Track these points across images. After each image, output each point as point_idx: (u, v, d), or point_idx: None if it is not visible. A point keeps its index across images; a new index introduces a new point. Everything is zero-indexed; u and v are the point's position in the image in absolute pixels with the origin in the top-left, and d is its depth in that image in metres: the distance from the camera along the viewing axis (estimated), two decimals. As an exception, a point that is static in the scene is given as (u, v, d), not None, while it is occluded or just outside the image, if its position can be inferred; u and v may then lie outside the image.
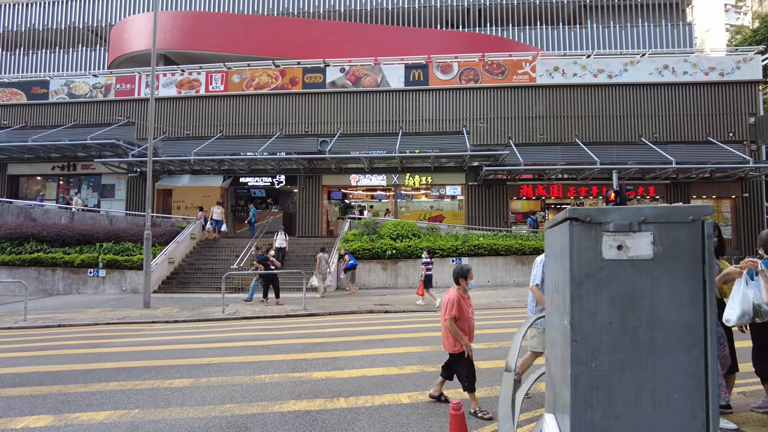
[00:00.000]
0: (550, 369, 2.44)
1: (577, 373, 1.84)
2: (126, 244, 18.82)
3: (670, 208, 1.88)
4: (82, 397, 5.73)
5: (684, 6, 33.68)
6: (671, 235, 1.85)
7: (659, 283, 1.85)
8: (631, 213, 1.90)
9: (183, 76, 24.96)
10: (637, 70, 22.79)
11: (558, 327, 2.19)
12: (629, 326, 1.85)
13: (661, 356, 1.81)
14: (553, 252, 2.39)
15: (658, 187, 22.43)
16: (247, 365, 7.11)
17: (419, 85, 23.49)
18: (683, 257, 1.84)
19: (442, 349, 7.79)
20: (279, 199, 25.88)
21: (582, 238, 1.91)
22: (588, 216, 1.91)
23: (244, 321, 11.79)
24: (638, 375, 1.81)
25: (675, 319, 1.82)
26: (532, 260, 17.87)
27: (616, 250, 1.89)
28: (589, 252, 1.91)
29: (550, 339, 2.44)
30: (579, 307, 1.88)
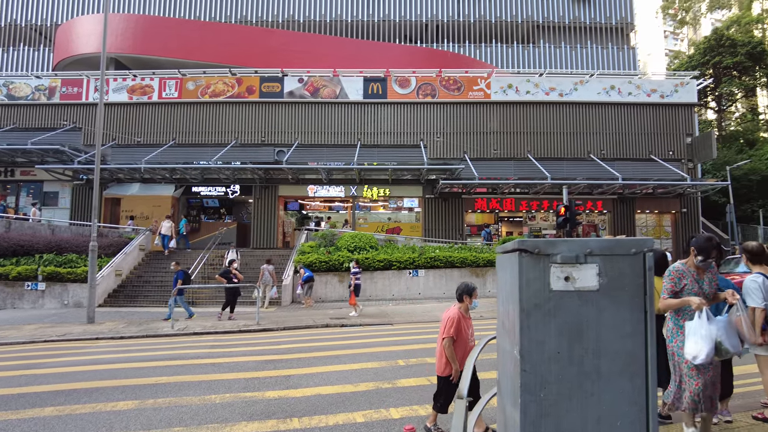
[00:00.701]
0: (502, 396, 2.47)
1: (527, 402, 1.87)
2: (69, 256, 17.86)
3: (614, 241, 1.95)
4: (12, 426, 5.35)
5: (628, 31, 35.62)
6: (615, 267, 1.92)
7: (604, 313, 1.91)
8: (578, 245, 1.96)
9: (135, 81, 24.14)
10: (586, 89, 23.82)
11: (508, 355, 2.22)
12: (576, 356, 1.90)
13: (606, 384, 1.87)
14: (503, 278, 2.43)
15: (605, 201, 23.41)
16: (197, 385, 6.86)
17: (378, 98, 23.66)
18: (626, 288, 1.91)
19: (398, 364, 7.82)
20: (233, 209, 25.33)
21: (531, 269, 1.96)
22: (536, 248, 1.96)
23: (195, 337, 11.40)
24: (585, 403, 1.86)
25: (619, 348, 1.89)
26: (486, 272, 18.24)
27: (563, 281, 1.94)
28: (538, 283, 1.95)
29: (501, 362, 2.47)
30: (528, 338, 1.92)
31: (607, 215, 23.82)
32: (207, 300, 17.13)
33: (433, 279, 18.00)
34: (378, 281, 17.73)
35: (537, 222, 24.51)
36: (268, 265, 16.68)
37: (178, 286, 13.35)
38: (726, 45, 34.58)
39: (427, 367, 7.50)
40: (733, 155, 31.84)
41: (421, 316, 13.65)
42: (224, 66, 25.64)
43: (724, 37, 35.32)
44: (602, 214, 23.95)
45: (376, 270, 17.79)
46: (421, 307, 15.77)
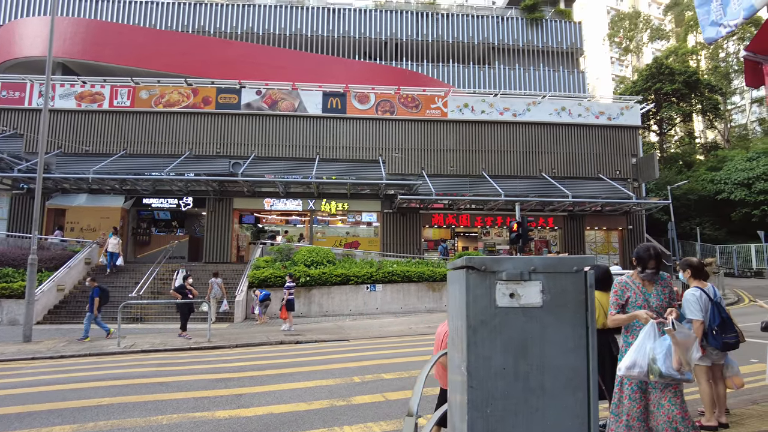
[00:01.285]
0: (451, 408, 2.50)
1: (473, 418, 1.90)
2: (5, 270, 16.78)
3: (557, 259, 2.03)
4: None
5: (577, 56, 37.36)
6: (558, 284, 1.99)
7: (548, 329, 1.97)
8: (523, 263, 2.03)
9: (84, 88, 23.23)
10: (539, 110, 24.74)
11: (457, 370, 2.25)
12: (521, 371, 1.95)
13: (550, 400, 1.92)
14: (453, 294, 2.48)
15: (556, 218, 24.22)
16: (143, 405, 6.56)
17: (337, 113, 23.72)
18: (569, 305, 1.98)
19: (353, 381, 7.75)
20: (185, 222, 24.60)
21: (477, 285, 2.00)
22: (483, 265, 2.00)
23: (143, 354, 10.91)
24: (530, 418, 1.91)
25: (562, 363, 1.95)
26: (442, 287, 18.43)
27: (508, 297, 1.99)
28: (484, 299, 2.00)
29: (451, 380, 2.50)
30: (475, 354, 1.96)
31: (558, 231, 24.65)
32: (156, 316, 16.46)
33: (390, 294, 18.02)
34: (335, 296, 17.59)
35: (491, 237, 25.07)
36: (216, 278, 16.31)
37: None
38: (665, 73, 36.83)
39: (383, 384, 7.48)
40: (673, 176, 33.74)
41: (378, 332, 13.62)
42: (180, 76, 25.11)
43: (663, 66, 37.62)
44: (553, 230, 24.77)
45: (334, 285, 17.66)
46: (378, 321, 15.74)
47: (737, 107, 52.89)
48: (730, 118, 49.55)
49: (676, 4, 53.87)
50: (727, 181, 30.68)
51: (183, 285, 13.50)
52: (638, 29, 54.06)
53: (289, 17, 34.67)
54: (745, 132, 49.59)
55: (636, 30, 54.08)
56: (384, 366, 8.83)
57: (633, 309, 3.79)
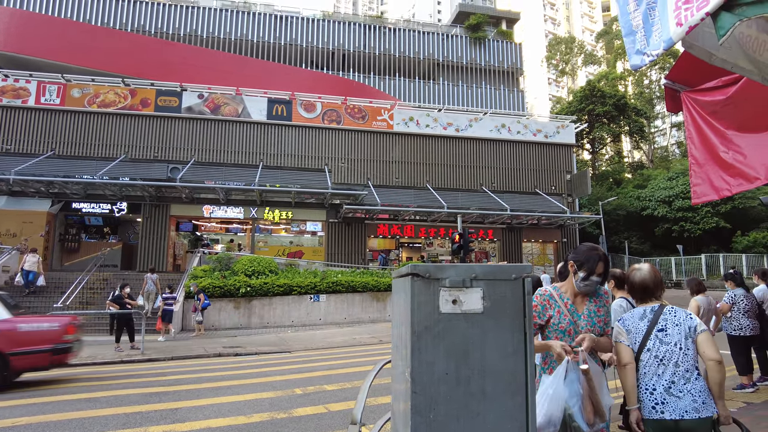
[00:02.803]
0: (394, 415, 2.53)
1: (417, 423, 1.94)
2: None
3: (497, 267, 2.12)
4: None
5: (517, 75, 39.03)
6: (498, 291, 2.08)
7: (488, 335, 2.05)
8: (464, 270, 2.10)
9: (6, 82, 21.66)
10: (480, 126, 25.59)
11: (400, 377, 2.29)
12: (463, 376, 2.01)
13: (490, 404, 1.99)
14: (398, 301, 2.51)
15: (496, 230, 25.05)
16: (67, 423, 6.13)
17: (282, 120, 23.46)
18: (508, 311, 2.07)
19: (294, 393, 7.61)
20: (119, 228, 23.33)
21: (422, 292, 2.05)
22: (427, 272, 2.06)
23: (69, 369, 10.20)
24: (471, 423, 1.97)
25: (501, 368, 2.03)
26: (386, 297, 18.53)
27: (451, 304, 2.05)
28: (428, 306, 2.05)
29: (395, 389, 2.53)
30: (418, 359, 2.00)
31: (497, 243, 25.48)
32: (85, 328, 15.43)
33: (334, 304, 17.91)
34: (277, 307, 17.26)
35: (434, 248, 25.53)
36: (152, 274, 16.35)
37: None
38: (597, 95, 39.20)
39: (326, 395, 7.41)
40: (604, 192, 35.82)
41: (321, 342, 13.48)
42: (117, 75, 23.95)
43: (596, 89, 40.04)
44: (493, 242, 25.58)
45: (276, 295, 17.33)
46: (321, 333, 15.58)
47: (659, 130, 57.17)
48: (654, 140, 53.35)
49: (606, 33, 57.64)
50: (651, 199, 32.92)
51: (121, 295, 12.77)
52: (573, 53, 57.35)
53: (234, 22, 34.01)
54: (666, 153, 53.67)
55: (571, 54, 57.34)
56: (327, 377, 8.75)
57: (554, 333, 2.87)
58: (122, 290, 13.07)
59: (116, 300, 12.65)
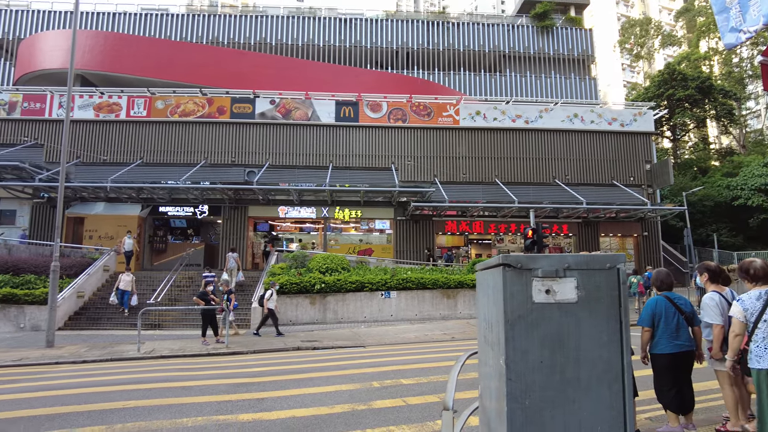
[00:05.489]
0: (485, 404, 2.57)
1: (513, 410, 1.98)
2: (27, 276, 17.10)
3: (590, 257, 2.11)
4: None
5: (589, 63, 37.32)
6: (592, 280, 2.08)
7: (583, 324, 2.05)
8: (557, 260, 2.11)
9: (102, 98, 23.72)
10: (551, 117, 24.75)
11: (492, 365, 2.33)
12: (558, 364, 2.03)
13: (586, 392, 2.00)
14: (486, 292, 2.56)
15: (570, 225, 24.14)
16: (167, 408, 6.68)
17: (349, 122, 23.95)
18: (603, 300, 2.06)
19: (372, 386, 7.80)
20: (201, 230, 24.88)
21: (514, 282, 2.09)
22: (519, 262, 2.09)
23: (162, 360, 11.07)
24: (567, 410, 1.99)
25: (596, 356, 2.03)
26: (457, 294, 18.43)
27: (544, 294, 2.08)
28: (521, 296, 2.08)
29: (484, 375, 2.58)
30: (513, 348, 2.04)
31: (573, 238, 24.54)
32: (173, 323, 16.67)
33: (405, 301, 18.06)
34: (350, 303, 17.66)
35: (505, 244, 25.02)
36: (233, 252, 18.70)
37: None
38: (678, 79, 36.59)
39: (403, 389, 7.53)
40: (688, 182, 33.42)
41: (394, 338, 13.66)
42: (195, 86, 25.52)
43: (675, 72, 37.38)
44: (568, 237, 24.67)
45: (348, 292, 17.73)
46: (393, 329, 15.78)
47: (752, 112, 52.31)
48: (746, 124, 48.98)
49: (687, 10, 53.59)
50: (743, 187, 30.30)
51: (205, 292, 13.62)
52: (649, 35, 53.82)
53: (301, 28, 35.10)
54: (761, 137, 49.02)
55: (647, 36, 53.84)
56: (402, 372, 8.88)
57: None
58: (206, 287, 13.94)
59: (201, 297, 13.51)
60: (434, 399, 6.84)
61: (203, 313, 13.30)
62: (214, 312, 13.34)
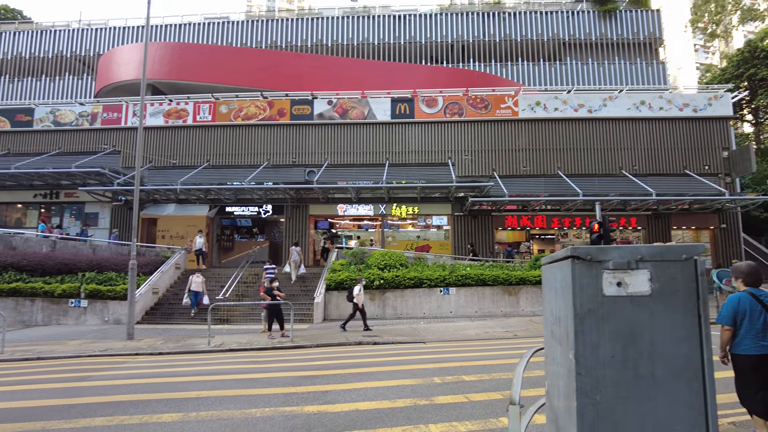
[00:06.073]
0: (552, 402, 2.51)
1: (583, 405, 1.92)
2: (109, 274, 18.48)
3: (665, 247, 2.01)
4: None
5: (657, 46, 35.23)
6: (667, 272, 1.97)
7: (657, 317, 1.95)
8: (629, 251, 2.02)
9: (170, 105, 25.09)
10: (616, 105, 23.59)
11: (560, 360, 2.26)
12: (630, 359, 1.95)
13: (662, 388, 1.90)
14: (553, 286, 2.49)
15: (639, 218, 22.93)
16: (237, 399, 6.99)
17: (405, 118, 23.95)
18: (679, 293, 1.95)
19: (433, 381, 7.79)
20: (265, 228, 25.78)
21: (583, 275, 2.02)
22: (588, 254, 2.02)
23: (231, 353, 11.60)
24: (641, 407, 1.90)
25: (673, 352, 1.92)
26: (519, 290, 18.02)
27: (615, 286, 1.99)
28: (591, 288, 2.01)
29: (552, 372, 2.51)
30: (582, 342, 1.97)
31: (642, 232, 23.30)
32: (241, 317, 17.41)
33: (464, 297, 17.88)
34: (408, 299, 17.72)
35: (570, 239, 24.13)
36: (296, 246, 20.01)
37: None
38: (761, 57, 33.73)
39: (465, 385, 7.46)
40: (772, 169, 30.80)
41: (454, 335, 13.56)
42: (256, 90, 26.42)
43: (758, 49, 34.47)
44: (637, 230, 23.45)
45: (407, 288, 17.79)
46: (453, 325, 15.67)
47: None
48: (842, 103, 44.42)
49: (770, -19, 49.26)
50: (839, 174, 27.58)
51: (271, 288, 14.10)
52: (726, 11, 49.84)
53: (356, 27, 35.48)
54: None
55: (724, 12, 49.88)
56: (464, 368, 8.80)
57: None
58: (271, 283, 14.42)
59: (267, 292, 14.01)
60: (497, 396, 6.74)
61: (269, 308, 13.78)
62: (279, 306, 13.76)
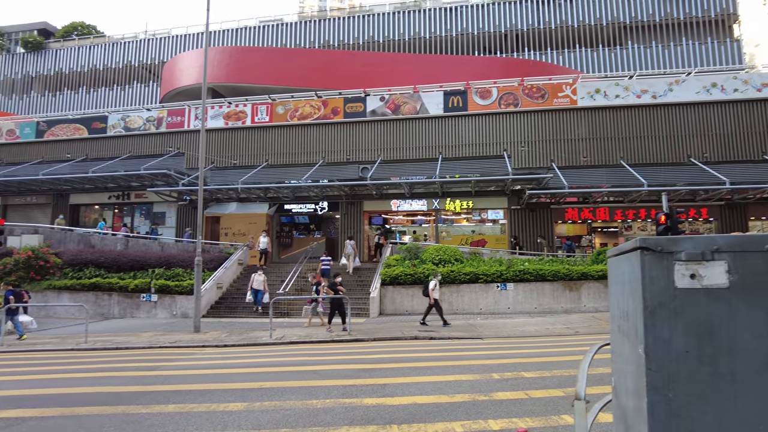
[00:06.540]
0: (620, 401, 2.42)
1: (654, 402, 1.84)
2: (176, 270, 19.52)
3: (744, 237, 1.88)
4: (144, 418, 5.96)
5: (730, 22, 32.84)
6: (747, 263, 1.85)
7: (737, 311, 1.84)
8: (703, 242, 1.91)
9: (230, 108, 26.07)
10: (683, 89, 22.22)
11: (628, 356, 2.18)
12: (707, 355, 1.84)
13: (743, 386, 1.79)
14: (620, 279, 2.40)
15: (711, 208, 21.54)
16: (298, 390, 7.21)
17: (458, 111, 23.66)
18: (762, 286, 1.83)
19: (492, 377, 7.69)
20: (321, 225, 26.33)
21: (653, 267, 1.92)
22: (659, 245, 1.92)
23: (291, 346, 11.96)
24: (720, 406, 1.79)
25: (755, 348, 1.80)
26: (580, 286, 17.42)
27: (689, 278, 1.89)
28: (662, 281, 1.91)
29: (619, 369, 2.43)
30: (653, 336, 1.89)
31: (714, 223, 21.87)
32: (300, 311, 17.86)
33: (523, 293, 17.49)
34: (464, 295, 17.55)
35: (634, 232, 23.01)
36: (350, 240, 20.86)
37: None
38: None
39: (524, 382, 7.32)
40: None
41: (512, 331, 13.31)
42: (310, 89, 26.96)
43: None
44: (708, 222, 22.04)
45: (462, 283, 17.62)
46: (511, 321, 15.38)
47: None
48: None
49: None
50: None
51: (334, 283, 14.37)
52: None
53: (407, 22, 35.42)
54: None
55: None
56: (523, 365, 8.64)
57: None
58: (335, 278, 14.68)
59: (330, 286, 14.30)
60: (559, 393, 6.56)
61: (332, 302, 14.02)
62: (341, 300, 13.92)
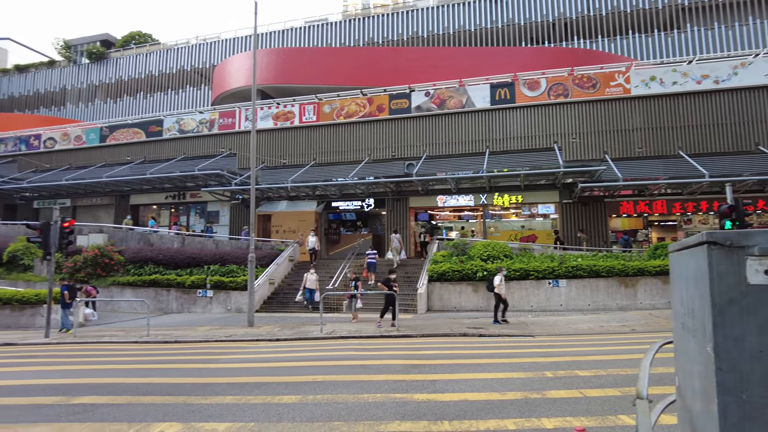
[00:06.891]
0: (686, 402, 2.33)
1: (726, 403, 1.76)
2: (230, 267, 20.23)
3: (824, 231, 1.77)
4: (203, 409, 6.23)
5: (803, -2, 30.52)
6: (827, 258, 1.74)
7: (816, 310, 1.74)
8: (779, 236, 1.81)
9: (278, 108, 26.67)
10: (750, 72, 20.84)
11: (694, 355, 2.10)
12: (784, 356, 1.75)
13: (825, 390, 1.69)
14: (684, 275, 2.31)
15: (782, 199, 20.16)
16: (349, 384, 7.33)
17: (505, 104, 23.19)
18: None
19: (545, 375, 7.54)
20: (368, 221, 26.54)
21: (722, 262, 1.85)
22: (728, 240, 1.84)
23: (341, 340, 12.16)
24: (799, 410, 1.70)
25: (838, 349, 1.70)
26: (636, 282, 16.75)
27: (763, 274, 1.80)
28: (732, 277, 1.83)
29: (684, 368, 2.34)
30: (723, 334, 1.81)
31: (786, 215, 20.46)
32: (348, 308, 18.12)
33: (576, 289, 17.00)
34: (514, 291, 17.22)
35: (694, 225, 21.83)
36: (396, 234, 21.31)
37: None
38: None
39: (579, 380, 7.14)
40: None
41: (565, 329, 12.98)
42: (355, 87, 27.15)
43: None
44: (779, 214, 20.64)
45: (512, 280, 17.29)
46: (564, 318, 15.00)
47: None
48: None
49: None
50: None
51: (389, 278, 14.43)
52: None
53: (451, 15, 35.01)
54: None
55: None
56: (577, 363, 8.42)
57: None
58: (390, 275, 14.72)
59: (384, 283, 14.34)
60: (615, 392, 6.36)
61: (387, 298, 14.02)
62: (394, 297, 13.90)
